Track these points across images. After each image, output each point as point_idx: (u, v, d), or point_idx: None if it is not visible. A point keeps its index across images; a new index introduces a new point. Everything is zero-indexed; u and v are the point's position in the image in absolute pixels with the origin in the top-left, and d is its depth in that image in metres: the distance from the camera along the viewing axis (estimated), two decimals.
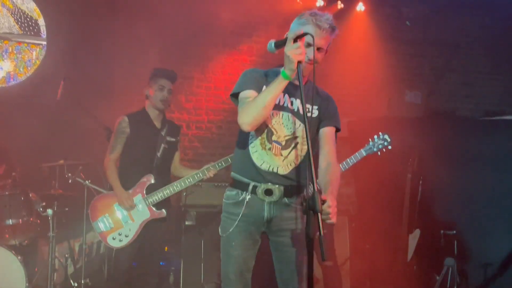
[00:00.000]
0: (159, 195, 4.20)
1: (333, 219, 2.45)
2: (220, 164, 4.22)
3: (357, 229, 5.92)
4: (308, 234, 2.34)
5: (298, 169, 2.82)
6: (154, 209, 4.22)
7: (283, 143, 2.79)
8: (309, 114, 2.78)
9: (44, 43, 5.97)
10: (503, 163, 5.34)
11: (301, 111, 2.81)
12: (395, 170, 5.72)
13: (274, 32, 6.26)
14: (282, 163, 2.79)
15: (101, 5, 5.95)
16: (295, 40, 2.49)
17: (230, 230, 2.80)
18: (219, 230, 2.88)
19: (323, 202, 2.39)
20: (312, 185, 2.36)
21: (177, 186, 4.23)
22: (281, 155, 2.79)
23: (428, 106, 6.92)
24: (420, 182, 5.60)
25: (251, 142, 2.81)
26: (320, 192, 2.47)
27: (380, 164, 5.57)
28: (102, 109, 5.48)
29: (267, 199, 2.77)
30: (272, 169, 2.78)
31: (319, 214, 2.29)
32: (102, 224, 4.20)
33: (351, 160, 4.02)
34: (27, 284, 4.21)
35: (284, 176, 2.79)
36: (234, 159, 2.94)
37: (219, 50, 6.69)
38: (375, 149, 4.00)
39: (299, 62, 2.47)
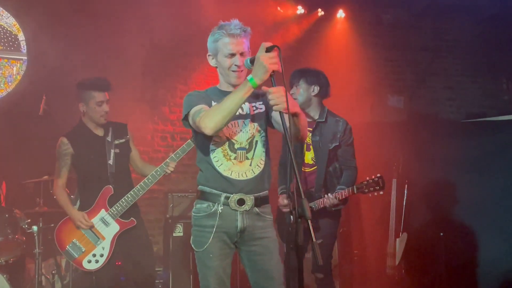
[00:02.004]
0: (123, 205, 4.03)
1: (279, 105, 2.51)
2: (177, 155, 4.07)
3: (345, 235, 5.93)
4: (297, 242, 2.35)
5: (265, 168, 2.89)
6: (122, 220, 4.07)
7: (247, 146, 2.85)
8: (257, 111, 2.92)
9: (25, 58, 5.93)
10: (486, 164, 5.40)
11: (251, 112, 2.91)
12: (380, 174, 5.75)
13: (255, 41, 6.26)
14: (250, 166, 2.84)
15: (82, 19, 5.91)
16: (267, 50, 2.55)
17: (208, 244, 2.80)
18: (192, 245, 2.87)
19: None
20: (298, 193, 2.35)
21: (139, 190, 4.04)
22: (247, 158, 2.84)
23: (410, 110, 7.00)
24: (406, 186, 5.64)
25: (214, 157, 2.84)
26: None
27: (365, 170, 5.59)
28: None
29: (240, 208, 2.81)
30: (241, 175, 2.83)
31: (309, 221, 2.30)
32: (73, 250, 4.03)
33: (344, 193, 3.91)
34: None
35: (253, 180, 2.84)
36: (200, 175, 2.92)
37: (201, 60, 6.59)
38: (366, 190, 3.90)
39: (273, 72, 2.53)
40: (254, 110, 2.93)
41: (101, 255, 4.03)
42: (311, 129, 4.08)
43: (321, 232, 3.96)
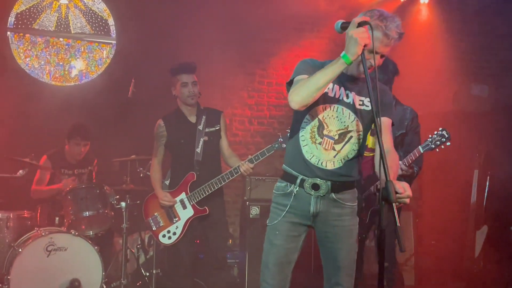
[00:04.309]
0: (200, 193, 4.22)
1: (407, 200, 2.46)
2: (256, 158, 4.15)
3: (422, 224, 5.87)
4: (381, 225, 2.28)
5: (349, 163, 2.80)
6: (197, 206, 4.26)
7: (336, 137, 2.75)
8: (363, 107, 2.78)
9: (114, 42, 6.21)
10: None
11: (356, 105, 2.77)
12: (461, 165, 5.64)
13: None
14: (333, 158, 2.76)
15: (167, 4, 6.11)
16: (359, 25, 2.45)
17: (277, 220, 2.81)
18: (268, 219, 2.90)
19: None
20: (384, 176, 2.27)
21: (216, 183, 4.19)
22: (334, 149, 2.75)
23: (494, 100, 6.73)
24: (488, 177, 5.49)
25: (302, 136, 2.79)
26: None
27: (445, 159, 5.49)
28: (170, 105, 5.64)
29: (314, 193, 2.77)
30: (321, 163, 2.76)
31: (394, 205, 2.22)
32: (153, 222, 4.34)
33: (410, 157, 3.90)
34: (103, 273, 4.40)
35: (332, 171, 2.76)
36: (286, 151, 2.93)
37: (280, 47, 6.73)
38: (433, 146, 3.83)
39: (364, 46, 2.42)
40: (359, 104, 2.77)
41: (174, 233, 4.28)
42: None
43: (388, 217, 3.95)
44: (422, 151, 3.86)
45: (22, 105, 5.58)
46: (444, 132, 3.81)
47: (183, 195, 4.29)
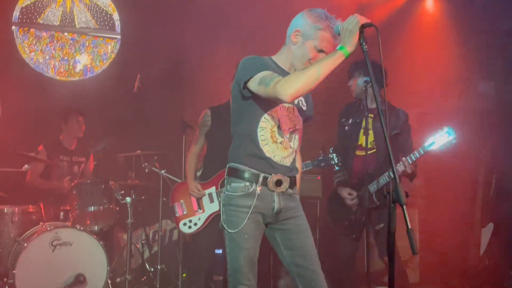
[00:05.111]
0: None
1: None
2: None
3: (427, 222, 5.84)
4: (391, 229, 2.27)
5: (294, 159, 2.91)
6: None
7: (288, 135, 2.82)
8: (301, 106, 2.90)
9: (119, 37, 6.20)
10: None
11: (301, 104, 2.89)
12: (467, 163, 5.61)
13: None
14: (289, 155, 2.84)
15: (171, 0, 6.10)
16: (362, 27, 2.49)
17: (243, 224, 2.70)
18: (225, 225, 2.76)
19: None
20: (394, 177, 2.28)
21: None
22: (290, 147, 2.84)
23: (502, 97, 6.69)
24: (494, 175, 5.46)
25: (262, 135, 2.77)
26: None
27: (451, 156, 5.45)
28: (175, 101, 5.65)
29: (277, 190, 2.77)
30: (282, 161, 2.80)
31: (404, 207, 2.22)
32: (178, 208, 4.37)
33: (414, 155, 3.86)
34: (108, 268, 4.39)
35: (289, 167, 2.84)
36: (237, 150, 2.83)
37: (283, 44, 6.69)
38: (438, 146, 3.81)
39: (363, 28, 2.45)
40: (300, 103, 2.90)
41: (195, 224, 4.31)
42: (372, 115, 4.15)
43: (384, 215, 3.95)
44: (427, 149, 3.82)
45: (26, 100, 5.57)
46: (449, 131, 3.77)
47: (213, 189, 4.31)
